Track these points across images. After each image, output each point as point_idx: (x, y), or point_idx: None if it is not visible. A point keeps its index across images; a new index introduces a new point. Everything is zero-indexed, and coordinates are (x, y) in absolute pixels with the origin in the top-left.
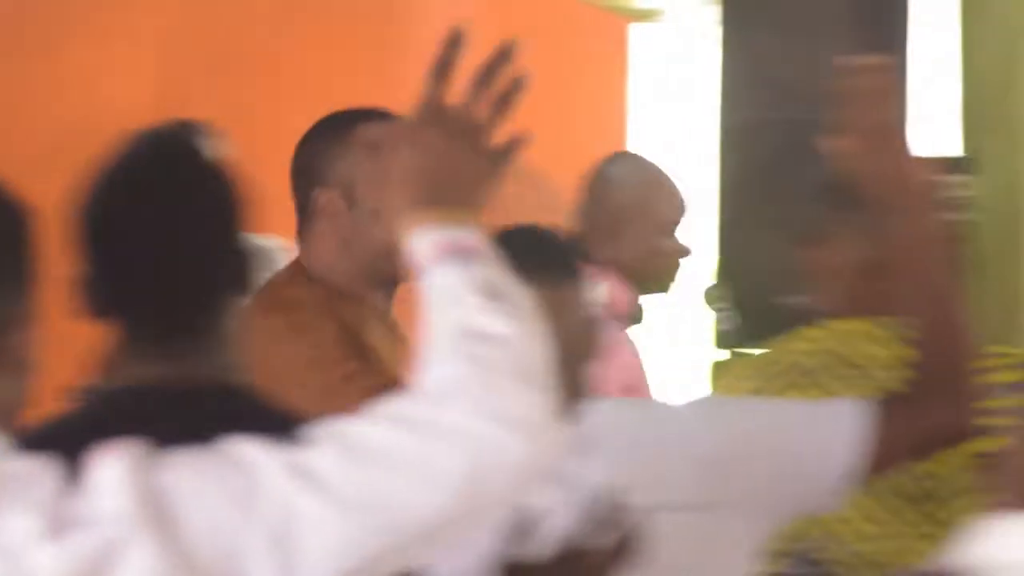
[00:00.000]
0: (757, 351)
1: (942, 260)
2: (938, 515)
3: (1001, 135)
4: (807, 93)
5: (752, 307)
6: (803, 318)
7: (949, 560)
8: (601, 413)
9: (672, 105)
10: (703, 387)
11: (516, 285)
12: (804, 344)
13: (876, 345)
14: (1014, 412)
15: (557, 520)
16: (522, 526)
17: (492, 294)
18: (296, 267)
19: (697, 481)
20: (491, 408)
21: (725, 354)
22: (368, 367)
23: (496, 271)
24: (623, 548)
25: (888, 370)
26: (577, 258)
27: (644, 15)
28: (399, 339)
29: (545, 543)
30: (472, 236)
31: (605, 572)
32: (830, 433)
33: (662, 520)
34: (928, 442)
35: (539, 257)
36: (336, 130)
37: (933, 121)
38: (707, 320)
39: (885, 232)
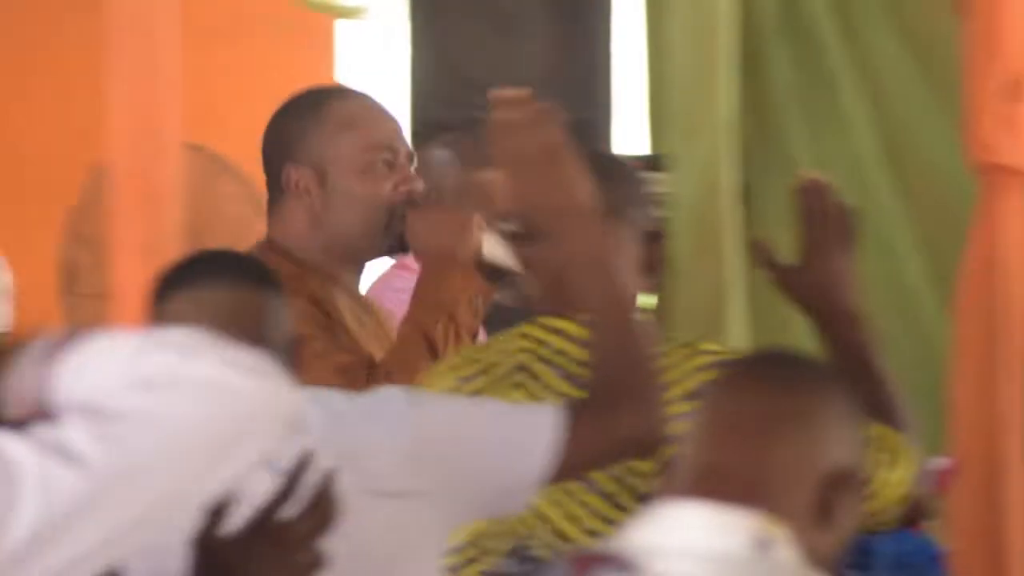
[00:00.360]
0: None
1: (608, 278)
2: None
3: (701, 135)
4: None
5: None
6: (515, 313)
7: (616, 544)
8: (309, 396)
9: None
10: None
11: None
12: (523, 342)
13: (576, 345)
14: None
15: (252, 496)
16: (218, 502)
17: None
18: (266, 243)
19: (396, 470)
20: (237, 363)
21: None
22: (338, 344)
23: None
24: (317, 522)
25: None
26: None
27: (348, 12)
28: (369, 316)
29: (240, 517)
30: None
31: (299, 544)
32: (523, 436)
33: (360, 503)
34: (617, 449)
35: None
36: (308, 107)
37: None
38: None
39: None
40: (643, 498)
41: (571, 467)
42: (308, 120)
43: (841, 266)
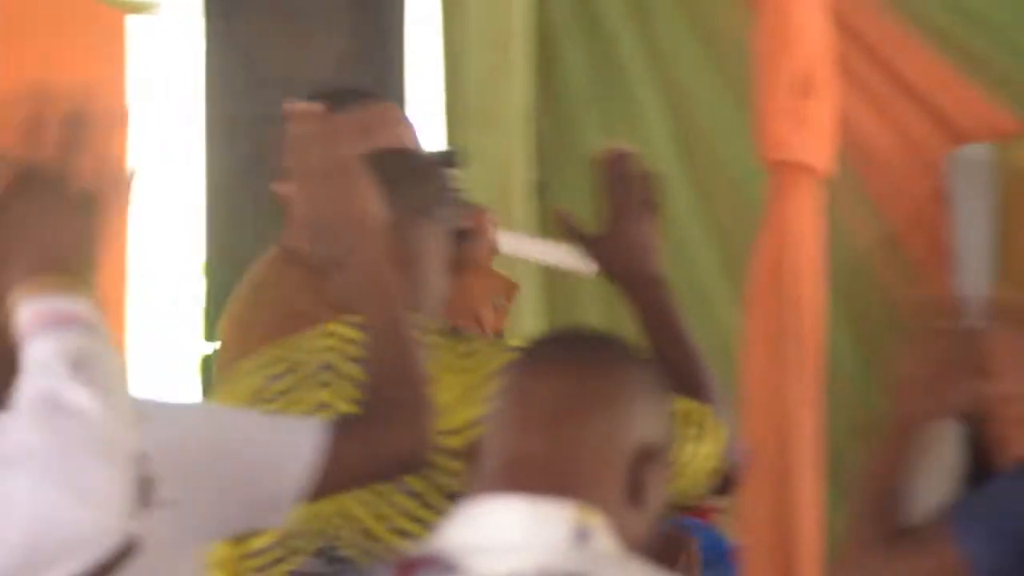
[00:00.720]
0: None
1: (388, 295)
2: (429, 498)
3: (496, 131)
4: (299, 88)
5: None
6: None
7: (435, 545)
8: None
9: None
10: (192, 380)
11: (109, 355)
12: (329, 340)
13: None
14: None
15: None
16: None
17: (80, 365)
18: (282, 252)
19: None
20: (60, 477)
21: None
22: None
23: (91, 341)
24: None
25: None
26: None
27: (140, 7)
28: None
29: None
30: (74, 305)
31: None
32: (282, 451)
33: None
34: (381, 467)
35: None
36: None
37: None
38: (196, 312)
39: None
40: (453, 496)
41: (332, 484)
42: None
43: (644, 232)
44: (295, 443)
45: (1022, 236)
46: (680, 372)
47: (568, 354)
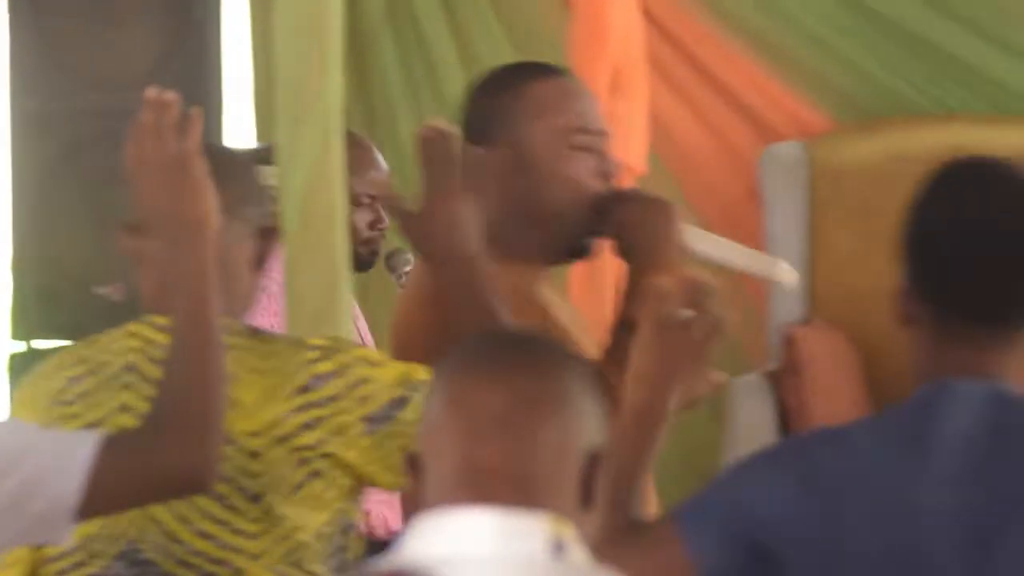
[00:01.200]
0: (62, 343)
1: (200, 302)
2: (276, 511)
3: (308, 126)
4: (109, 81)
5: (57, 297)
6: (122, 310)
7: (405, 558)
8: None
9: None
10: (0, 378)
11: None
12: (132, 341)
13: None
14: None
15: None
16: None
17: None
18: None
19: None
20: None
21: (22, 345)
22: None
23: None
24: None
25: None
26: None
27: None
28: (568, 305)
29: None
30: None
31: None
32: (55, 464)
33: None
34: (157, 485)
35: None
36: (506, 87)
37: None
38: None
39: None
40: (255, 498)
41: (106, 501)
42: (506, 100)
43: (459, 211)
44: (69, 456)
45: (834, 233)
46: None
47: (512, 357)
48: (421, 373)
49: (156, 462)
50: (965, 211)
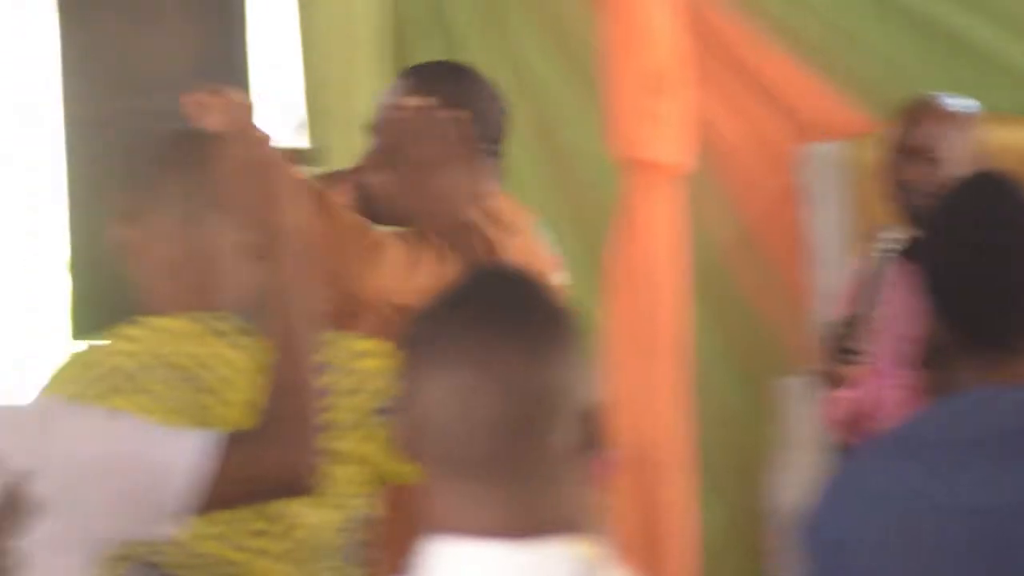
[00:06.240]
0: None
1: (297, 310)
2: (268, 511)
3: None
4: (155, 82)
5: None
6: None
7: None
8: None
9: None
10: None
11: None
12: (126, 344)
13: (193, 343)
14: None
15: None
16: None
17: None
18: None
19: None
20: None
21: (83, 345)
22: None
23: None
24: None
25: (208, 368)
26: None
27: None
28: None
29: None
30: None
31: None
32: (164, 462)
33: None
34: (261, 486)
35: None
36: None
37: (280, 110)
38: (64, 308)
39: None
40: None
41: (217, 499)
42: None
43: (449, 180)
44: (180, 456)
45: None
46: None
47: (512, 337)
48: None
49: (260, 463)
50: (964, 235)
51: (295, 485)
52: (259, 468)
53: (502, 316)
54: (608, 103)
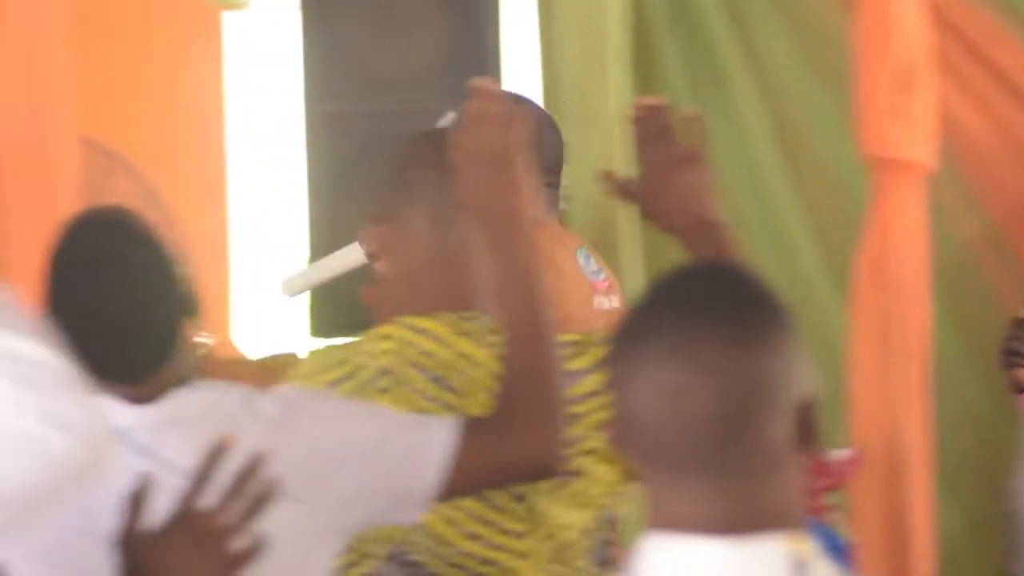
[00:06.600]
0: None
1: (538, 294)
2: (540, 509)
3: (594, 128)
4: (396, 82)
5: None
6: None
7: None
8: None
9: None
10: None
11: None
12: (378, 343)
13: (441, 343)
14: (597, 392)
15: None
16: (135, 497)
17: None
18: None
19: (289, 473)
20: (44, 414)
21: (321, 343)
22: None
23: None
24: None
25: (456, 370)
26: None
27: (233, 4)
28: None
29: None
30: None
31: (222, 534)
32: (416, 449)
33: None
34: (511, 471)
35: None
36: None
37: None
38: (302, 308)
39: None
40: (520, 498)
41: (462, 484)
42: None
43: (690, 179)
44: (426, 443)
45: None
46: None
47: (723, 332)
48: None
49: (510, 448)
50: None
51: (541, 468)
52: (506, 452)
53: (711, 308)
54: (857, 101)
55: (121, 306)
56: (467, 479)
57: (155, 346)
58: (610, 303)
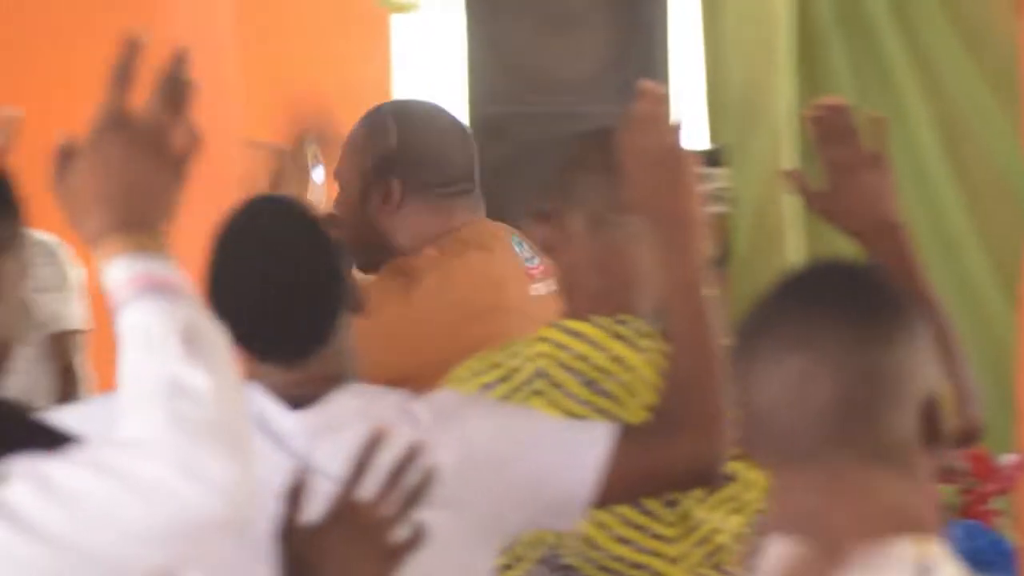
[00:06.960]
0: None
1: (703, 301)
2: (692, 514)
3: (761, 129)
4: (560, 84)
5: None
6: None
7: None
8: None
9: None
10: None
11: (214, 327)
12: (534, 346)
13: (596, 346)
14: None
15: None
16: (293, 491)
17: (191, 339)
18: None
19: (447, 478)
20: (188, 467)
21: None
22: None
23: (195, 311)
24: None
25: (609, 374)
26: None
27: (402, 6)
28: None
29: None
30: (167, 269)
31: (382, 526)
32: (574, 454)
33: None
34: (672, 478)
35: None
36: None
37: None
38: None
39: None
40: (671, 503)
41: (619, 491)
42: None
43: (872, 180)
44: (583, 448)
45: None
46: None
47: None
48: None
49: (671, 455)
50: None
51: (702, 477)
52: (667, 460)
53: (831, 301)
54: None
55: (286, 284)
56: (625, 486)
57: (316, 325)
58: (546, 288)
